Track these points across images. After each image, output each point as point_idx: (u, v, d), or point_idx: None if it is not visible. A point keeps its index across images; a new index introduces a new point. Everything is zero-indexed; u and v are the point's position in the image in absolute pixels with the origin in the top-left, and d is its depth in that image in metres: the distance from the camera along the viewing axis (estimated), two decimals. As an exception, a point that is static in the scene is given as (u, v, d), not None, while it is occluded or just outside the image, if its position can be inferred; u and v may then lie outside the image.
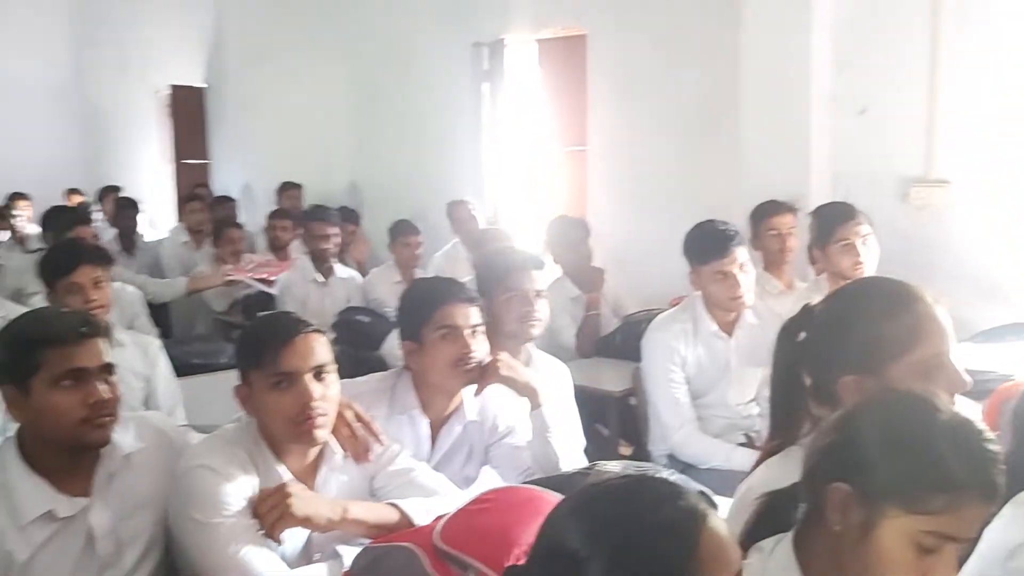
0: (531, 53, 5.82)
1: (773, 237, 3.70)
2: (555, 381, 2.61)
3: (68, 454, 1.76)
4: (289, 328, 1.83)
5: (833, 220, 3.24)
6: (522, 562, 1.36)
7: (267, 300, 5.00)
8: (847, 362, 1.51)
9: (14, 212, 7.44)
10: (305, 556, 1.87)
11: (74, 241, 3.55)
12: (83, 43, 9.70)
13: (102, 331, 1.79)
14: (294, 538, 1.85)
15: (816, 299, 1.68)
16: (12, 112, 9.23)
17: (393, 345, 3.77)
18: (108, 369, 1.77)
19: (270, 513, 1.75)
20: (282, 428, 1.82)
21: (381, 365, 3.65)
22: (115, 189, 7.97)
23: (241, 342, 1.93)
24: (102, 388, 1.75)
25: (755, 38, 4.24)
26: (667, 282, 3.81)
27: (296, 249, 5.44)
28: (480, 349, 2.20)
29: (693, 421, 2.97)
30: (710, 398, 3.01)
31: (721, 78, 4.54)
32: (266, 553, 1.75)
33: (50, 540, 1.74)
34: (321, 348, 1.85)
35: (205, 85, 8.06)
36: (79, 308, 2.55)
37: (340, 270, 4.97)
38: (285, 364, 1.79)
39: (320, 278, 4.82)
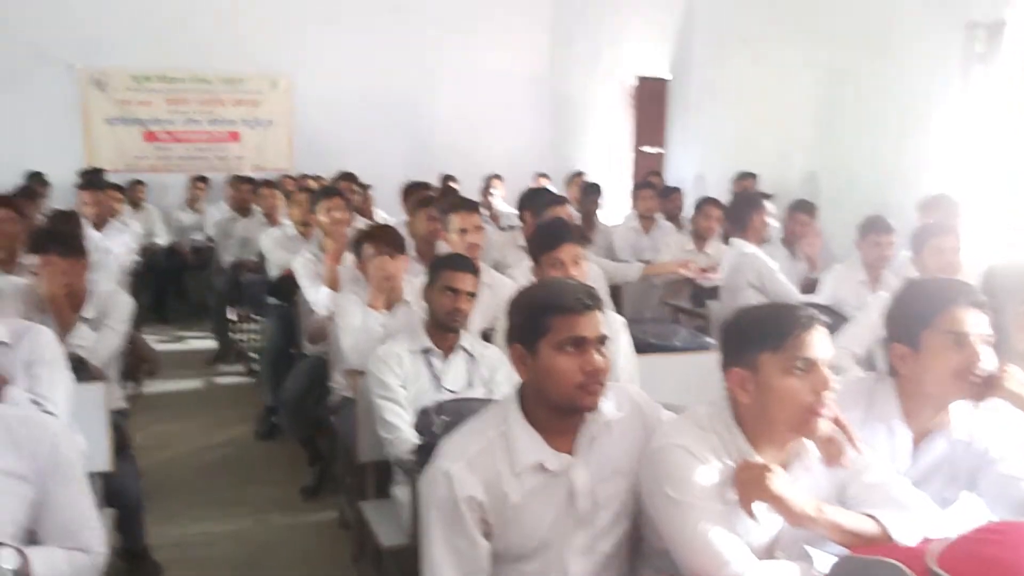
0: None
1: None
2: None
3: (559, 414, 1.89)
4: (808, 318, 1.81)
5: None
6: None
7: (713, 288, 5.09)
8: None
9: (491, 191, 8.30)
10: (768, 551, 1.84)
11: (560, 221, 3.78)
12: (559, 38, 10.45)
13: (601, 305, 1.89)
14: (761, 531, 1.82)
15: None
16: (493, 101, 10.20)
17: None
18: (602, 340, 1.87)
19: (748, 483, 1.75)
20: (787, 414, 1.79)
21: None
22: (581, 174, 8.55)
23: (751, 325, 1.88)
24: (597, 358, 1.84)
25: None
26: None
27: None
28: (988, 360, 1.97)
29: None
30: None
31: None
32: (734, 539, 1.74)
33: (538, 489, 1.88)
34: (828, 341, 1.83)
35: (670, 76, 8.27)
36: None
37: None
38: (808, 351, 1.77)
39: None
